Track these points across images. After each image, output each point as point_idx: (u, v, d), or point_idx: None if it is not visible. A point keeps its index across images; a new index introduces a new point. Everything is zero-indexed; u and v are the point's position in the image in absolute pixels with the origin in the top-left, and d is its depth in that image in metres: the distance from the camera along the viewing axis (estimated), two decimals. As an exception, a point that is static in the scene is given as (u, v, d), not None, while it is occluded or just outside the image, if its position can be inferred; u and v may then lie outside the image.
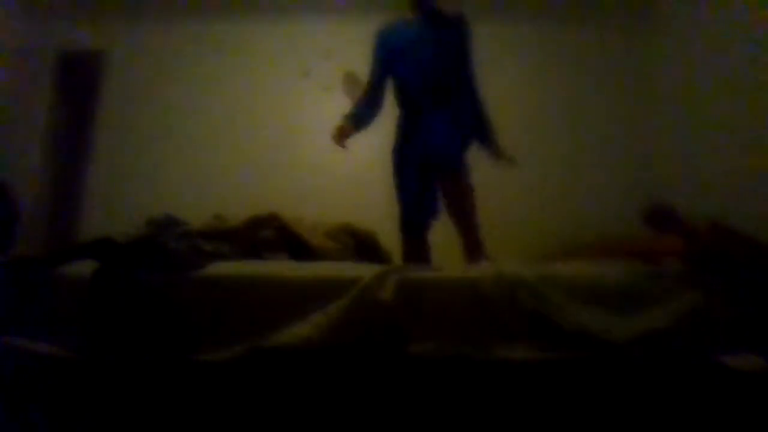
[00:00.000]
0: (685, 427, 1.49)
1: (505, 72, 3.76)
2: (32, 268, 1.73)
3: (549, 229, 3.43)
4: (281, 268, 1.74)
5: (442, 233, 2.61)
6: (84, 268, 1.69)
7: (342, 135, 2.63)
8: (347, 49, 3.92)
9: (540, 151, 3.68)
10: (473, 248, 2.39)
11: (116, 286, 1.62)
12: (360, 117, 2.71)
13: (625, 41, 3.80)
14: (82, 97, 3.95)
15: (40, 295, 1.66)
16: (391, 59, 2.66)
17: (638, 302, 1.58)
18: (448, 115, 2.52)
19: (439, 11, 2.62)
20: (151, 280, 1.63)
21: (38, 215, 3.74)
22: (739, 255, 1.62)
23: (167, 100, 3.89)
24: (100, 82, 3.94)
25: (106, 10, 3.97)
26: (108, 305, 1.61)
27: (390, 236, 2.57)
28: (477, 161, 2.62)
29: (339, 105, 3.89)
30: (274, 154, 3.78)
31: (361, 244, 2.26)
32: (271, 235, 2.02)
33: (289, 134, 3.82)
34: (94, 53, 3.96)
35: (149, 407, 1.57)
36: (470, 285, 1.60)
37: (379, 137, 3.71)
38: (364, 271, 1.63)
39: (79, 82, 3.98)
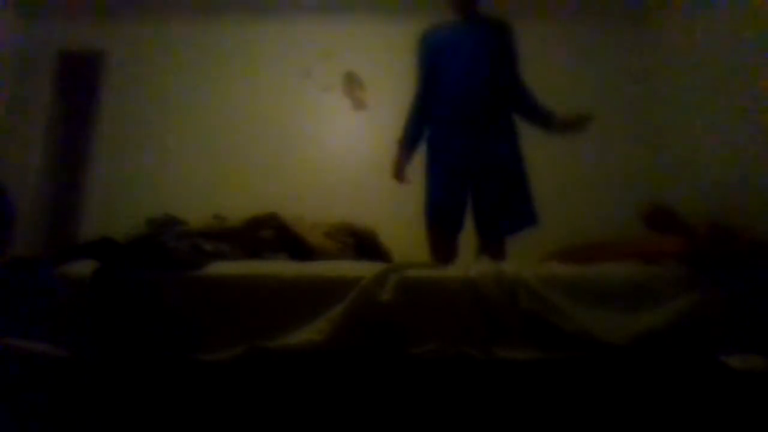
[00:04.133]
0: (685, 427, 1.49)
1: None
2: (32, 268, 1.73)
3: (548, 229, 3.42)
4: (281, 267, 1.73)
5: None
6: (84, 268, 1.68)
7: (400, 168, 2.53)
8: (347, 49, 3.92)
9: (539, 151, 3.68)
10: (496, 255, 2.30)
11: (116, 286, 1.62)
12: (414, 136, 2.55)
13: (625, 40, 3.80)
14: (82, 97, 3.95)
15: (40, 295, 1.66)
16: (437, 64, 2.47)
17: (638, 302, 1.58)
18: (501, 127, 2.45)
19: (482, 15, 2.55)
20: (152, 280, 1.63)
21: (38, 215, 3.74)
22: (739, 255, 1.62)
23: (167, 100, 3.89)
24: (100, 82, 3.94)
25: (106, 10, 3.98)
26: (108, 305, 1.61)
27: (390, 235, 2.57)
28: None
29: (339, 105, 3.91)
30: (273, 154, 3.78)
31: (360, 243, 2.25)
32: (271, 234, 2.02)
33: (289, 134, 3.83)
34: (94, 53, 3.96)
35: (149, 407, 1.57)
36: (470, 285, 1.60)
37: (379, 138, 3.71)
38: (364, 270, 1.63)
39: (79, 82, 3.98)
